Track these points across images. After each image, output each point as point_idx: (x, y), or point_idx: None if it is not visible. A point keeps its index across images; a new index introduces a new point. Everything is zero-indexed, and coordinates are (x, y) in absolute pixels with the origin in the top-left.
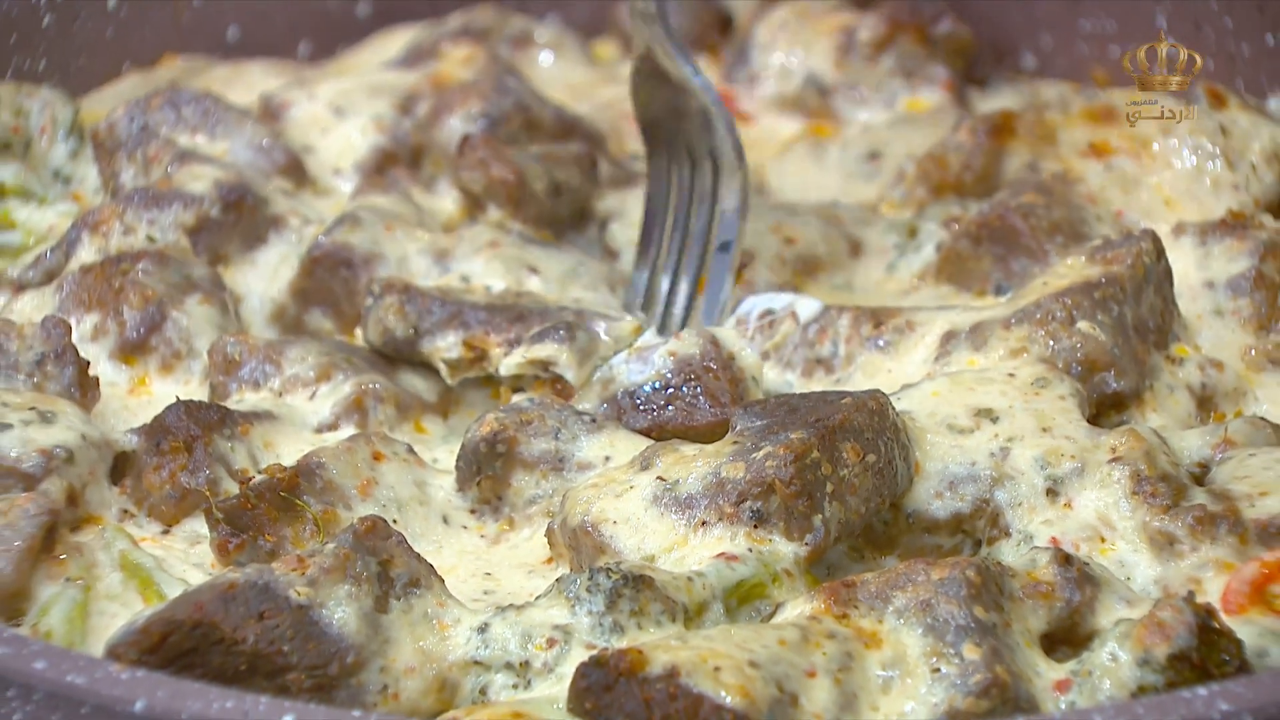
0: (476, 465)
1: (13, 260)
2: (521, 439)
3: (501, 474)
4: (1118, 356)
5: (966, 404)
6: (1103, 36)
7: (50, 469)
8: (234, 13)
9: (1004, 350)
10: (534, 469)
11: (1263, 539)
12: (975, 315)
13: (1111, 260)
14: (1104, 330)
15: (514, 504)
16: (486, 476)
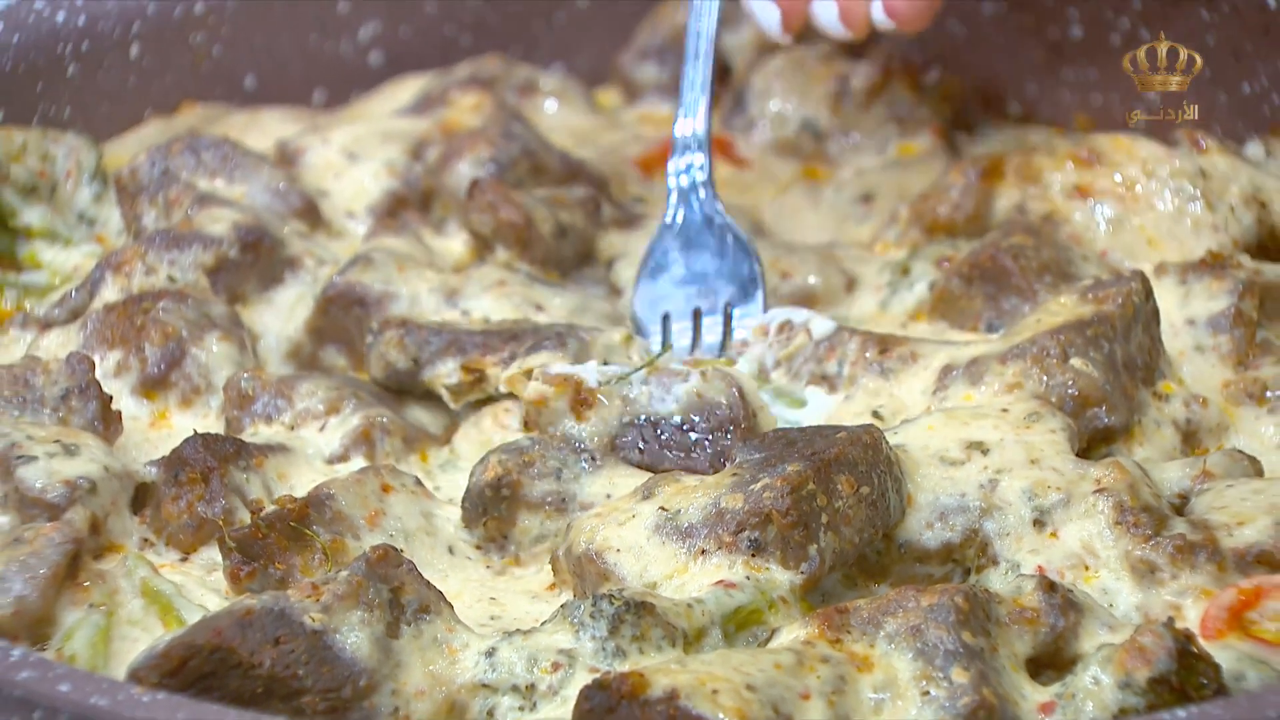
0: (482, 507)
1: (39, 299)
2: (525, 481)
3: (507, 515)
4: (1109, 392)
5: (959, 437)
6: (1085, 84)
7: (74, 499)
8: (251, 62)
9: (1000, 385)
10: (538, 510)
11: (1240, 567)
12: (973, 350)
13: (1103, 299)
14: (1096, 367)
15: (520, 543)
16: (493, 518)
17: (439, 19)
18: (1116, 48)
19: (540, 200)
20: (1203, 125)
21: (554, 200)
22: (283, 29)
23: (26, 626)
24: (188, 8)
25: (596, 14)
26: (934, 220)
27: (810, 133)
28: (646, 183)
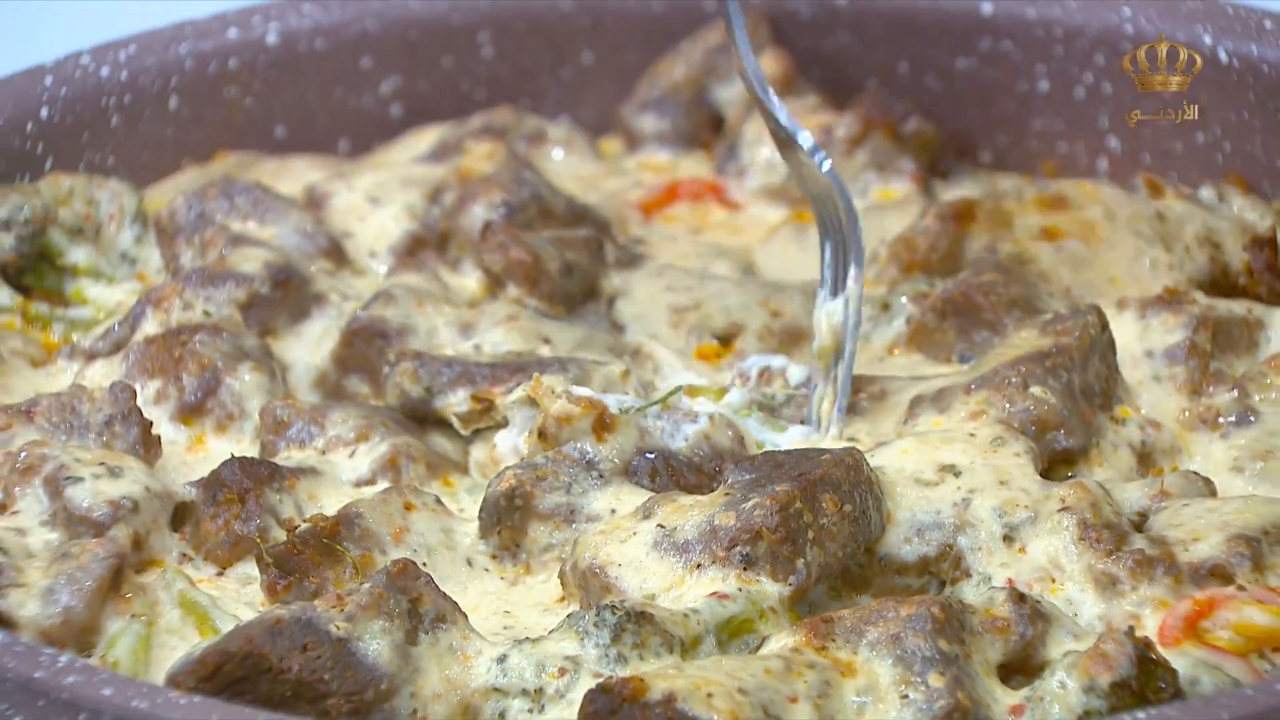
0: (497, 517)
1: (85, 332)
2: (537, 494)
3: (519, 524)
4: (1067, 417)
5: (932, 460)
6: (1051, 134)
7: (117, 517)
8: (281, 114)
9: (965, 413)
10: (548, 520)
11: (1195, 580)
12: (940, 382)
13: (1061, 332)
14: (1054, 394)
15: (530, 551)
16: (506, 527)
17: (455, 74)
18: (1081, 100)
19: (548, 241)
20: (1160, 171)
21: (560, 241)
22: (310, 83)
23: (73, 635)
24: (222, 63)
25: (600, 69)
26: (911, 260)
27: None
28: (646, 225)
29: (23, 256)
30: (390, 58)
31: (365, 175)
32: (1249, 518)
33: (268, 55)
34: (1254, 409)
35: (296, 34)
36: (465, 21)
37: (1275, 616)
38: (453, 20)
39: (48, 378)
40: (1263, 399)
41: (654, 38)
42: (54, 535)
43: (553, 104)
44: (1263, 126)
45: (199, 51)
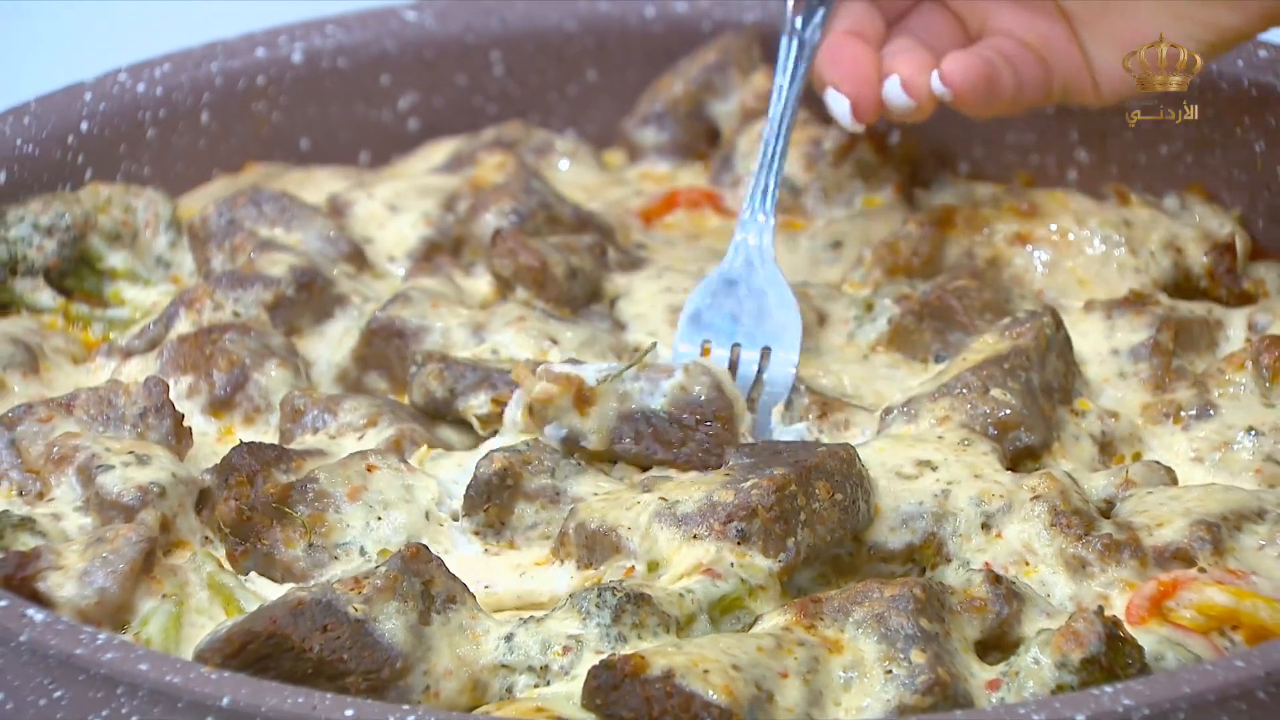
0: (486, 494)
1: (122, 331)
2: (525, 475)
3: (507, 503)
4: (1026, 416)
5: (909, 456)
6: (1024, 147)
7: (146, 502)
8: (305, 128)
9: (932, 419)
10: (534, 500)
11: (1160, 562)
12: (907, 394)
13: (1019, 335)
14: (1014, 395)
15: (515, 528)
16: (494, 505)
17: (468, 91)
18: (1051, 115)
19: (554, 246)
20: (1126, 181)
21: (566, 246)
22: (333, 99)
23: (108, 614)
24: (251, 81)
25: (603, 86)
26: (894, 264)
27: (788, 188)
28: (647, 231)
29: (65, 260)
30: (408, 75)
31: (384, 185)
32: (1209, 505)
33: (293, 73)
34: (1213, 403)
35: (320, 53)
36: (478, 41)
37: (1234, 597)
38: (466, 40)
39: (87, 374)
40: (1221, 394)
41: (654, 57)
42: (88, 520)
43: (559, 118)
44: (1222, 140)
45: (229, 69)
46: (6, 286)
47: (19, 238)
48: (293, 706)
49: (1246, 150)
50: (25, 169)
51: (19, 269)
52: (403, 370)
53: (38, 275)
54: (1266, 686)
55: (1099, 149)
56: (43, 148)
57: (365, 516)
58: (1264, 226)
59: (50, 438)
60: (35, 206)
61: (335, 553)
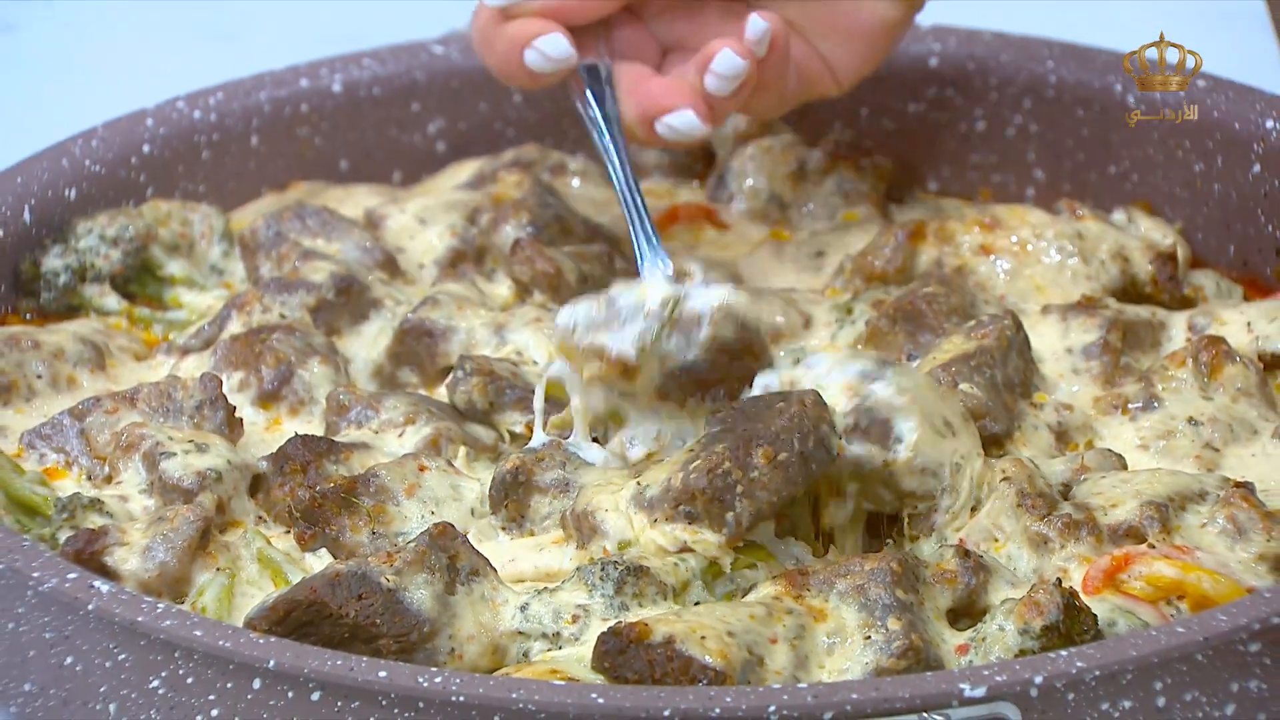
0: (504, 492)
1: (180, 332)
2: (537, 471)
3: (523, 498)
4: (992, 408)
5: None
6: (987, 167)
7: (204, 486)
8: (345, 150)
9: None
10: (547, 492)
11: (1113, 539)
12: None
13: (983, 336)
14: (980, 389)
15: (533, 519)
16: (512, 500)
17: (490, 116)
18: (1011, 138)
19: (567, 255)
20: (1079, 198)
21: (578, 255)
22: (369, 124)
23: (168, 585)
24: (295, 108)
25: None
26: (871, 272)
27: (776, 203)
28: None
29: (129, 268)
30: (436, 103)
31: (415, 201)
32: (1157, 487)
33: (333, 101)
34: (1157, 396)
35: (357, 83)
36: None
37: (1180, 570)
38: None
39: (149, 369)
40: (1164, 388)
41: None
42: (151, 502)
43: (571, 142)
44: (1165, 161)
45: (276, 98)
46: (76, 292)
47: (88, 248)
48: (331, 668)
49: (1187, 170)
50: (93, 186)
51: (88, 276)
52: (432, 366)
53: (104, 282)
54: (1204, 650)
55: (1054, 168)
56: (109, 168)
57: (420, 510)
58: (1202, 238)
59: (116, 428)
60: (102, 220)
61: (395, 540)
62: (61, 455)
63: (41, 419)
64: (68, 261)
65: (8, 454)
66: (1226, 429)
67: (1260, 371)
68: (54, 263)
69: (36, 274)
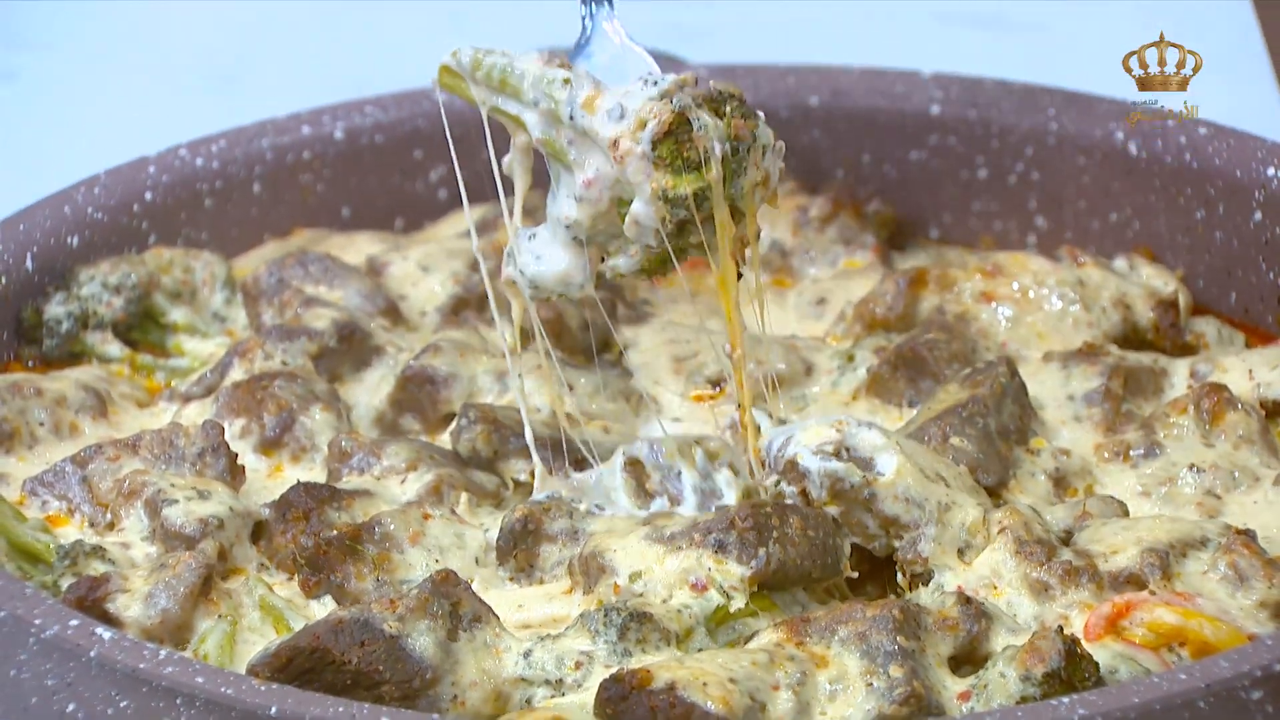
0: (513, 542)
1: (182, 379)
2: (545, 520)
3: (531, 547)
4: (982, 460)
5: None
6: (989, 214)
7: (206, 533)
8: (347, 197)
9: None
10: (555, 541)
11: (1114, 586)
12: None
13: (976, 384)
14: (971, 441)
15: (543, 568)
16: (520, 550)
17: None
18: (1013, 186)
19: (569, 301)
20: (1080, 245)
21: (580, 302)
22: (371, 171)
23: (170, 632)
24: (298, 155)
25: None
26: (872, 318)
27: (778, 251)
28: (652, 289)
29: (131, 315)
30: (438, 150)
31: (417, 248)
32: (1158, 534)
33: (335, 148)
34: (1159, 444)
35: (360, 130)
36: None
37: (1182, 616)
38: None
39: (151, 417)
40: (1166, 435)
41: None
42: (153, 549)
43: None
44: (1165, 208)
45: (278, 145)
46: (79, 339)
47: (90, 295)
48: (334, 715)
49: (1188, 217)
50: (96, 234)
51: (90, 323)
52: (434, 413)
53: (107, 329)
54: (1206, 697)
55: (1055, 216)
56: (111, 215)
57: (425, 558)
58: (1204, 285)
59: (118, 475)
60: (105, 267)
61: (400, 588)
62: (64, 502)
63: (44, 466)
64: (70, 309)
65: (10, 501)
66: (1228, 476)
67: (1262, 419)
68: (56, 310)
69: (39, 321)
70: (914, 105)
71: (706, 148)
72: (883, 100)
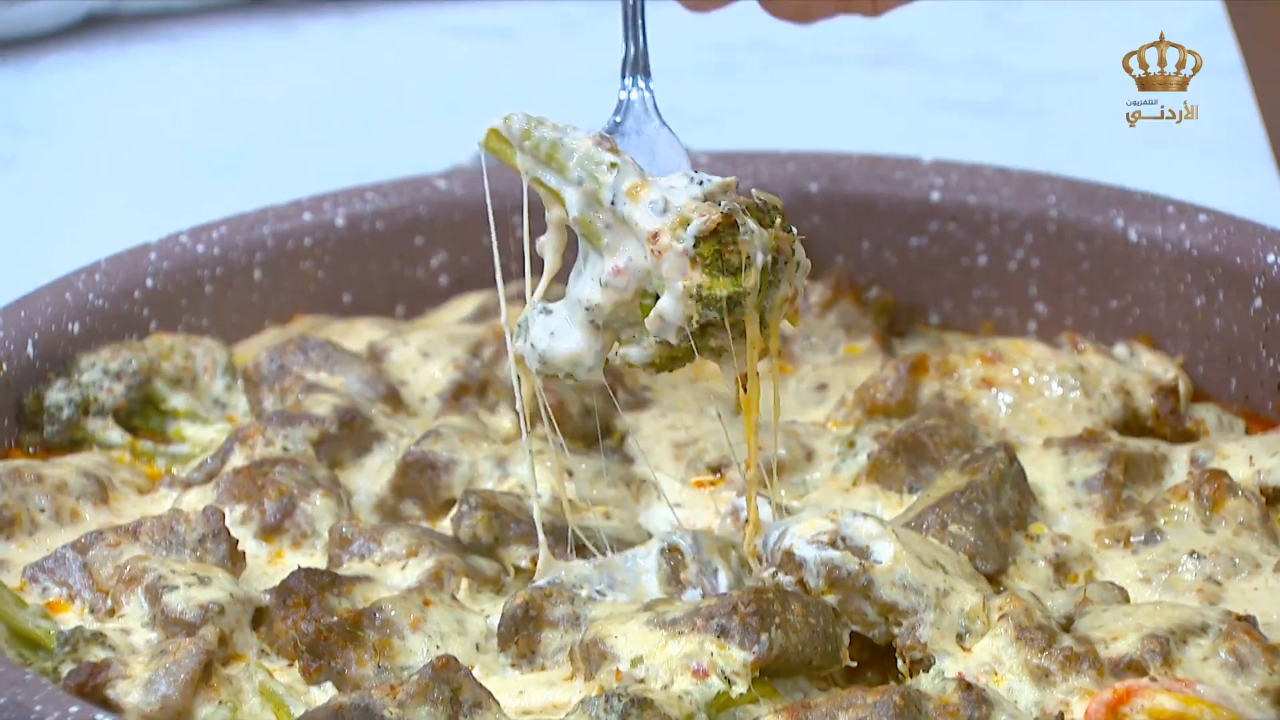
0: (514, 628)
1: (183, 465)
2: (546, 606)
3: (533, 633)
4: (981, 547)
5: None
6: (989, 300)
7: (206, 619)
8: (348, 283)
9: None
10: (557, 626)
11: (1115, 672)
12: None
13: (975, 470)
14: (969, 528)
15: (544, 654)
16: (522, 637)
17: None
18: (1013, 272)
19: (569, 388)
20: (1080, 332)
21: (579, 388)
22: (372, 258)
23: (170, 719)
24: (299, 242)
25: None
26: (873, 404)
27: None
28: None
29: (132, 402)
30: (439, 237)
31: (418, 334)
32: (1158, 620)
33: (336, 234)
34: (1159, 530)
35: (360, 217)
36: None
37: (1182, 703)
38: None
39: (152, 503)
40: (1166, 522)
41: None
42: (154, 635)
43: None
44: (1166, 295)
45: (279, 231)
46: (79, 425)
47: (91, 382)
48: None
49: (1188, 304)
50: (96, 320)
51: (90, 410)
52: (435, 499)
53: (107, 415)
54: None
55: (1055, 302)
56: (112, 301)
57: (426, 645)
58: (1204, 372)
59: (118, 561)
60: (105, 354)
61: (401, 674)
62: (64, 589)
63: (44, 552)
64: (71, 395)
65: (10, 588)
66: (1229, 563)
67: (1262, 505)
68: (57, 396)
69: (40, 408)
70: (914, 191)
71: (749, 254)
72: (882, 186)
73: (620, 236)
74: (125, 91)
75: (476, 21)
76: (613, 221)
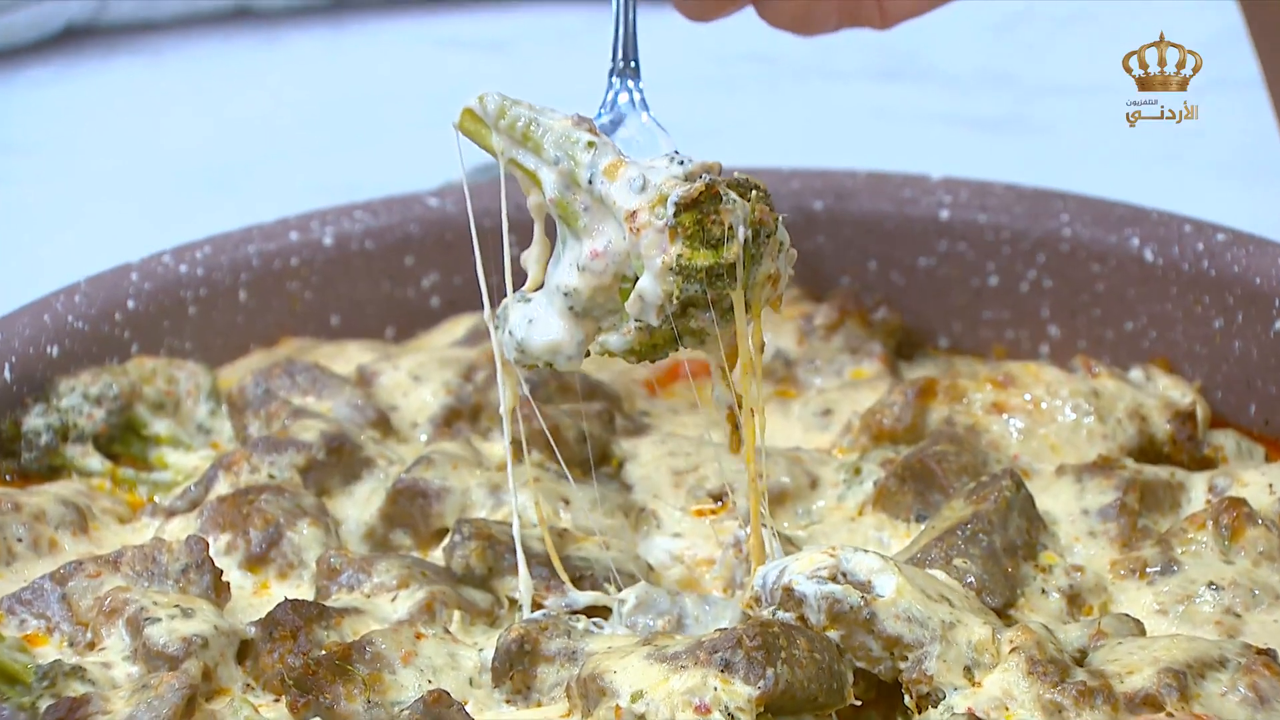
0: (509, 663)
1: (165, 493)
2: (542, 640)
3: (529, 668)
4: (987, 581)
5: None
6: (999, 323)
7: (189, 652)
8: (336, 305)
9: None
10: (553, 661)
11: (1130, 707)
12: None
13: (980, 500)
14: (975, 561)
15: (540, 689)
16: (517, 672)
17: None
18: (1025, 293)
19: (566, 413)
20: (1094, 355)
21: (576, 413)
22: (361, 278)
23: None
24: (285, 261)
25: None
26: (880, 430)
27: (782, 360)
28: (651, 399)
29: (112, 428)
30: (430, 256)
31: (408, 357)
32: (1175, 653)
33: (324, 254)
34: (1176, 560)
35: (349, 236)
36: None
37: None
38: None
39: (133, 532)
40: (1184, 551)
41: None
42: (135, 669)
43: None
44: (1183, 317)
45: (265, 251)
46: (58, 452)
47: (70, 407)
48: None
49: (1206, 326)
50: (76, 343)
51: (70, 436)
52: (426, 528)
53: (87, 442)
54: None
55: (1069, 325)
56: (92, 324)
57: (417, 679)
58: (1222, 396)
59: (98, 592)
60: (85, 378)
61: (392, 710)
62: (42, 621)
63: (22, 584)
64: (49, 421)
65: None
66: (1248, 594)
67: None
68: (35, 422)
69: (17, 434)
70: (922, 210)
71: (731, 224)
72: (889, 205)
73: (598, 218)
74: (108, 106)
75: (470, 33)
76: (590, 203)
